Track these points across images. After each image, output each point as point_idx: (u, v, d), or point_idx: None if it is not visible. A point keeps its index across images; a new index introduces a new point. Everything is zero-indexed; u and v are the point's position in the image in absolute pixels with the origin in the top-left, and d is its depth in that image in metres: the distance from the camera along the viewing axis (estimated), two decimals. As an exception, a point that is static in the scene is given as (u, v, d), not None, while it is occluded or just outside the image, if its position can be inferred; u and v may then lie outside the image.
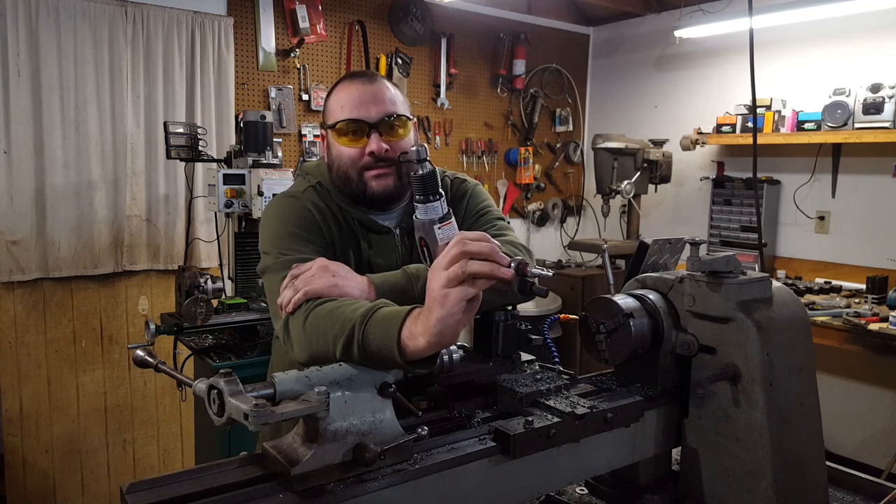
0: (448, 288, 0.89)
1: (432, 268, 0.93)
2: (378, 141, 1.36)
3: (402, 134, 1.40)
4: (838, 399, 3.85)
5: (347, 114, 1.37)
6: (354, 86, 1.40)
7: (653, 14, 4.73)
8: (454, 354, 1.04)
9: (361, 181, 1.39)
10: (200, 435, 2.89)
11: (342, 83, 1.43)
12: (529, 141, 4.89)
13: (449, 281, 0.89)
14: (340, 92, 1.41)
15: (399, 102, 1.41)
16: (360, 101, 1.37)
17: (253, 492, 0.82)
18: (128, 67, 3.23)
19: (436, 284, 0.90)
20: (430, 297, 0.91)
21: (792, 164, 4.05)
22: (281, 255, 1.30)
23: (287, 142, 3.76)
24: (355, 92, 1.38)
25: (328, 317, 1.09)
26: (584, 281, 4.43)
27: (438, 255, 0.95)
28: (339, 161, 1.41)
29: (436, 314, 0.90)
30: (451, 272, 0.90)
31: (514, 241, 1.40)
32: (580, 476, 1.14)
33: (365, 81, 1.40)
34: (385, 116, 1.37)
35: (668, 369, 1.17)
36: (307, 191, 1.44)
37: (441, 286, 0.90)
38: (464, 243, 0.91)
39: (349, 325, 1.02)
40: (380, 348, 0.96)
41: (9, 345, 3.12)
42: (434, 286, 0.91)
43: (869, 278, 3.55)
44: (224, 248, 3.00)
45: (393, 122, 1.38)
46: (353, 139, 1.37)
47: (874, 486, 1.30)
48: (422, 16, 4.23)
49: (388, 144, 1.37)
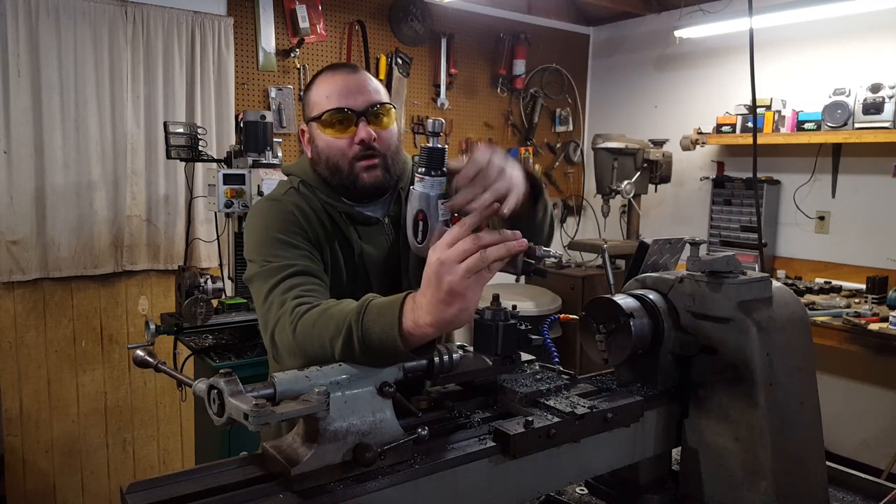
0: (467, 279, 0.87)
1: (441, 260, 0.89)
2: (366, 128, 1.36)
3: (387, 123, 1.40)
4: (838, 399, 3.85)
5: (334, 103, 1.36)
6: (338, 76, 1.39)
7: (653, 14, 4.73)
8: (454, 354, 1.04)
9: (352, 173, 1.39)
10: (200, 435, 2.89)
11: (324, 74, 1.42)
12: (529, 141, 4.89)
13: (468, 272, 0.87)
14: (323, 83, 1.40)
15: (383, 93, 1.42)
16: (345, 91, 1.36)
17: (253, 492, 0.82)
18: (128, 67, 3.23)
19: (452, 278, 0.87)
20: (443, 291, 0.88)
21: (792, 164, 4.05)
22: (266, 263, 1.29)
23: (287, 142, 3.76)
24: (340, 82, 1.38)
25: (318, 322, 1.09)
26: (584, 281, 4.43)
27: (435, 234, 0.94)
28: (328, 153, 1.40)
29: (456, 306, 0.88)
30: (471, 263, 0.87)
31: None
32: (580, 476, 1.14)
33: (348, 72, 1.40)
34: (371, 105, 1.37)
35: (668, 369, 1.17)
36: (289, 192, 1.43)
37: (461, 278, 0.87)
38: (477, 238, 0.88)
39: (345, 324, 1.00)
40: (381, 340, 0.94)
41: (9, 345, 3.12)
42: (450, 280, 0.87)
43: (869, 278, 3.55)
44: (224, 248, 3.00)
45: (378, 111, 1.38)
46: (341, 129, 1.37)
47: (874, 486, 1.30)
48: (422, 16, 4.23)
49: (375, 133, 1.37)
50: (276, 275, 1.25)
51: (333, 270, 1.41)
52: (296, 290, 1.22)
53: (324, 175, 1.43)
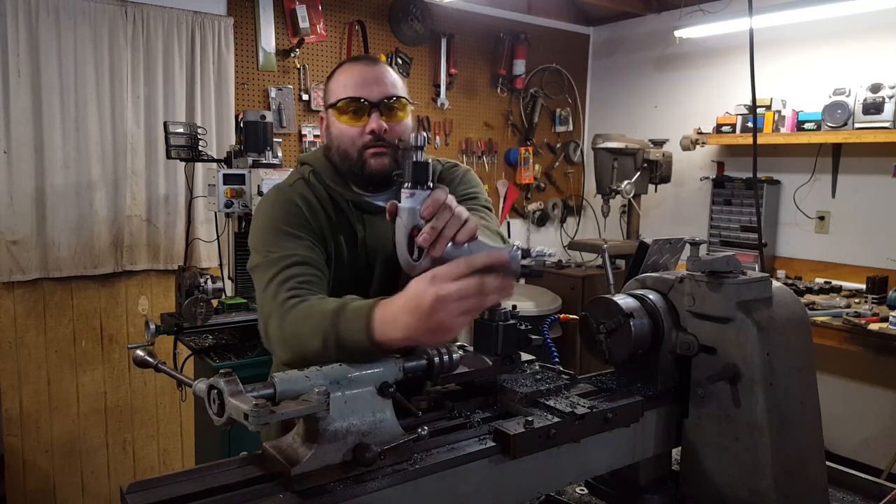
0: (460, 318, 0.91)
1: (439, 296, 0.90)
2: (378, 120, 1.39)
3: (401, 116, 1.43)
4: (838, 399, 3.85)
5: (350, 92, 1.40)
6: (357, 67, 1.43)
7: (653, 14, 4.73)
8: (454, 354, 1.04)
9: (360, 159, 1.42)
10: (200, 435, 2.89)
11: (345, 65, 1.47)
12: (529, 141, 4.89)
13: (465, 314, 0.91)
14: (343, 73, 1.45)
15: (400, 87, 1.45)
16: (362, 82, 1.40)
17: (253, 492, 0.82)
18: (128, 67, 3.23)
19: (446, 316, 0.90)
20: (432, 322, 0.90)
21: (792, 164, 4.04)
22: (268, 254, 1.33)
23: (287, 142, 3.76)
24: (357, 73, 1.42)
25: (302, 319, 1.14)
26: (584, 281, 4.43)
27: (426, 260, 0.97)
28: (340, 139, 1.43)
29: (440, 336, 0.92)
30: (468, 307, 0.91)
31: (490, 228, 1.42)
32: (580, 476, 1.14)
33: (368, 64, 1.44)
34: (385, 97, 1.40)
35: (668, 369, 1.17)
36: (297, 183, 1.47)
37: (455, 317, 0.90)
38: (482, 283, 0.91)
39: (321, 326, 1.05)
40: (354, 344, 0.99)
41: (9, 345, 3.12)
42: (442, 316, 0.90)
43: (869, 278, 3.55)
44: (224, 248, 3.00)
45: (393, 104, 1.41)
46: (354, 118, 1.40)
47: (874, 486, 1.30)
48: (422, 16, 4.23)
49: (387, 125, 1.40)
50: (275, 265, 1.29)
51: (337, 261, 1.43)
52: (292, 282, 1.26)
53: (335, 161, 1.47)
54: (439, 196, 1.00)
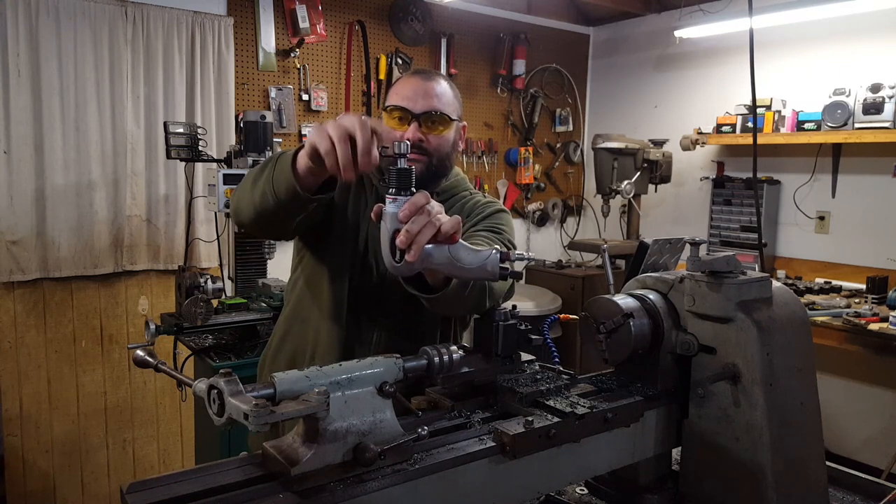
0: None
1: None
2: (416, 130, 1.48)
3: (442, 130, 1.51)
4: (838, 399, 3.85)
5: (398, 101, 1.50)
6: (412, 80, 1.54)
7: (653, 14, 4.73)
8: (454, 354, 1.04)
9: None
10: (200, 435, 2.89)
11: (405, 76, 1.59)
12: (529, 141, 4.89)
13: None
14: (400, 83, 1.56)
15: (446, 102, 1.52)
16: (411, 94, 1.50)
17: (253, 492, 0.82)
18: (128, 67, 3.23)
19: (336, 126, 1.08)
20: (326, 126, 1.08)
21: (792, 164, 4.05)
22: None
23: (287, 142, 3.76)
24: (410, 85, 1.51)
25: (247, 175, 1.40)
26: (584, 281, 4.43)
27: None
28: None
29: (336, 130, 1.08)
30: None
31: (502, 232, 1.51)
32: (580, 476, 1.14)
33: (423, 77, 1.53)
34: (428, 111, 1.48)
35: (668, 369, 1.17)
36: None
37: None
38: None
39: (259, 166, 1.33)
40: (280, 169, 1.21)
41: (9, 345, 3.12)
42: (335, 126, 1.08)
43: (869, 278, 3.55)
44: (224, 248, 3.00)
45: (434, 118, 1.49)
46: (398, 125, 1.50)
47: (874, 486, 1.30)
48: (422, 16, 4.23)
49: (425, 136, 1.49)
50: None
51: (342, 236, 1.52)
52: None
53: None
54: (418, 200, 1.03)
